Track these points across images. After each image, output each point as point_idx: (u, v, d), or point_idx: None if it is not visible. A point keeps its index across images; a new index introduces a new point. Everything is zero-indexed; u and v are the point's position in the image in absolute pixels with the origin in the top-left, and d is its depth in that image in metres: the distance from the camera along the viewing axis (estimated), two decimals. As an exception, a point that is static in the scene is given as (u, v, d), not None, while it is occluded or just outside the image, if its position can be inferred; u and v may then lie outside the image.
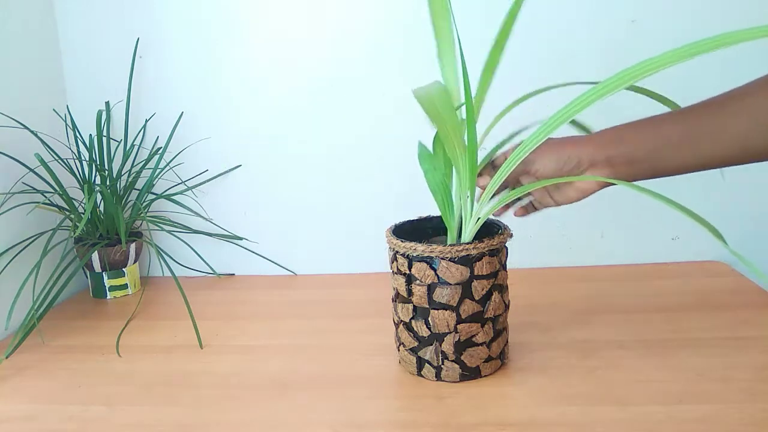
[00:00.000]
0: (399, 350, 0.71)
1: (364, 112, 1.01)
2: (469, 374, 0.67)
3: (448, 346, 0.66)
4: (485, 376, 0.68)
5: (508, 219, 0.72)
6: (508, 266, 0.69)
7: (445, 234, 0.70)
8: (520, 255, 1.03)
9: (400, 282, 0.67)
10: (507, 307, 0.69)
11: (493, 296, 0.66)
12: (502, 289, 0.68)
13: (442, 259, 0.64)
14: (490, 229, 0.70)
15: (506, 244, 0.69)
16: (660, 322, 0.79)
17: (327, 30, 0.99)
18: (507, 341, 0.71)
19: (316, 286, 1.02)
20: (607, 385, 0.65)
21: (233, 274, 1.09)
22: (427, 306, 0.65)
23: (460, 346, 0.66)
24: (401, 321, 0.69)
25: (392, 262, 0.68)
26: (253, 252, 1.07)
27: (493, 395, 0.64)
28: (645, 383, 0.65)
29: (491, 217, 0.70)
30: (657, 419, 0.58)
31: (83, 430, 0.62)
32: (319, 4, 0.98)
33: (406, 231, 0.72)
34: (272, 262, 1.08)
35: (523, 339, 0.76)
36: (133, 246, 1.01)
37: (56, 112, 1.02)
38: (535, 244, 1.03)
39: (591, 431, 0.57)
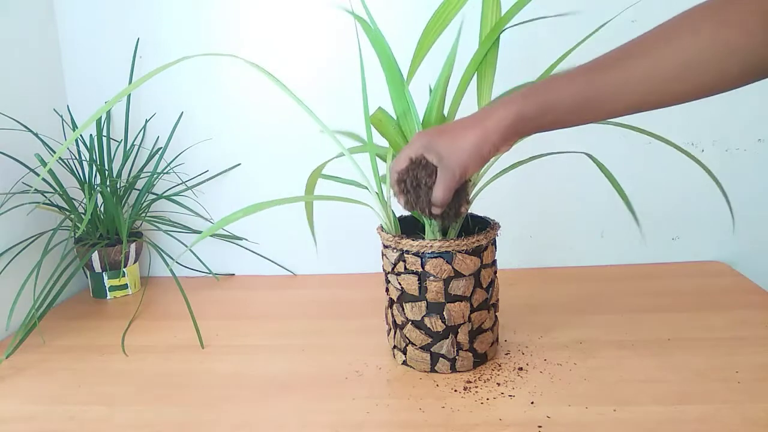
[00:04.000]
0: (405, 351, 0.70)
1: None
2: (480, 360, 0.70)
3: (462, 336, 0.68)
4: (490, 359, 0.71)
5: (508, 218, 0.73)
6: (508, 266, 0.70)
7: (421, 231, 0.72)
8: (520, 255, 1.03)
9: (410, 281, 0.67)
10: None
11: (495, 283, 0.70)
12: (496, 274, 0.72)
13: (458, 252, 0.65)
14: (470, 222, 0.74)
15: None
16: (660, 322, 0.79)
17: (328, 29, 0.99)
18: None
19: (316, 286, 1.02)
20: (607, 385, 0.65)
21: (233, 274, 1.09)
22: (443, 300, 0.66)
23: (473, 335, 0.68)
24: (408, 321, 0.69)
25: (396, 264, 0.68)
26: (254, 252, 1.08)
27: (493, 395, 0.64)
28: (645, 383, 0.65)
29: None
30: (657, 419, 0.58)
31: (83, 430, 0.62)
32: (319, 4, 0.98)
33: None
34: (272, 261, 1.08)
35: (523, 339, 0.76)
36: (133, 246, 1.01)
37: (57, 112, 1.02)
38: (535, 244, 1.03)
39: (591, 431, 0.57)
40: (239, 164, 1.05)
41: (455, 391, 0.65)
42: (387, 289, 0.72)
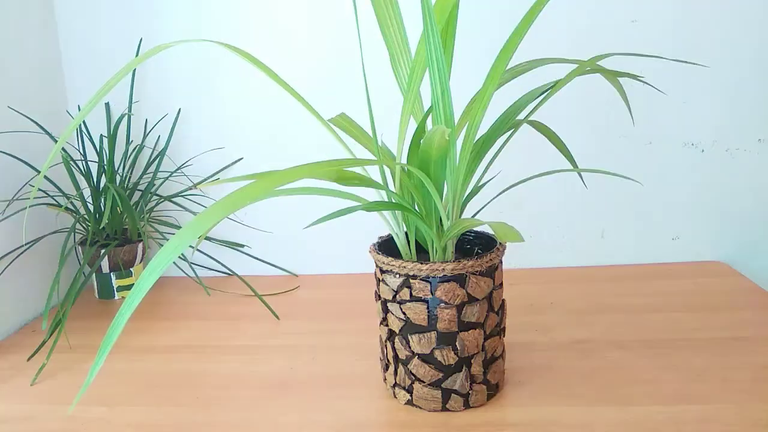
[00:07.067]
0: (411, 390, 0.62)
1: (365, 111, 1.00)
2: (493, 392, 0.63)
3: (477, 367, 0.61)
4: (500, 389, 0.66)
5: (508, 218, 0.72)
6: (508, 266, 0.69)
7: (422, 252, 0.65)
8: (520, 255, 1.03)
9: (418, 310, 0.59)
10: None
11: (504, 304, 0.65)
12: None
13: (472, 274, 0.58)
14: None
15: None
16: (660, 322, 0.79)
17: (327, 28, 0.99)
18: None
19: (316, 286, 1.02)
20: (607, 385, 0.65)
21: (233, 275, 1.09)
22: (456, 329, 0.59)
23: (486, 364, 0.62)
24: (414, 355, 0.61)
25: (398, 291, 0.60)
26: (254, 257, 1.08)
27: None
28: (645, 383, 0.65)
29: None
30: (657, 419, 0.58)
31: (83, 430, 0.62)
32: (318, 2, 0.98)
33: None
34: (272, 265, 1.08)
35: (523, 339, 0.76)
36: (139, 246, 1.01)
37: (69, 113, 1.02)
38: (535, 244, 1.03)
39: (591, 431, 0.57)
40: (242, 158, 1.05)
41: (455, 391, 0.65)
42: (385, 320, 0.63)
